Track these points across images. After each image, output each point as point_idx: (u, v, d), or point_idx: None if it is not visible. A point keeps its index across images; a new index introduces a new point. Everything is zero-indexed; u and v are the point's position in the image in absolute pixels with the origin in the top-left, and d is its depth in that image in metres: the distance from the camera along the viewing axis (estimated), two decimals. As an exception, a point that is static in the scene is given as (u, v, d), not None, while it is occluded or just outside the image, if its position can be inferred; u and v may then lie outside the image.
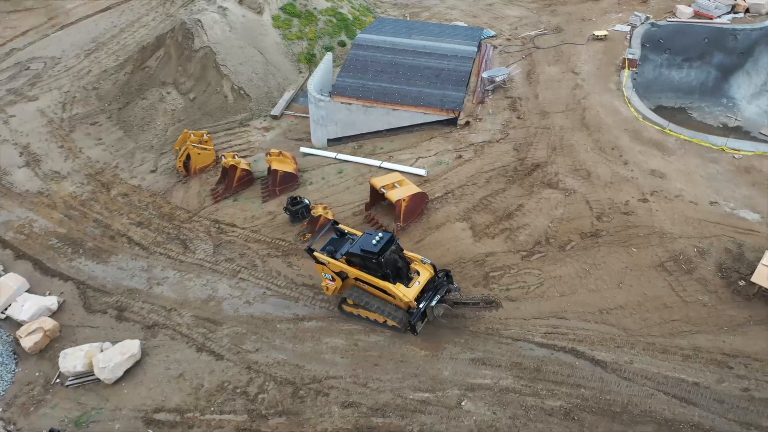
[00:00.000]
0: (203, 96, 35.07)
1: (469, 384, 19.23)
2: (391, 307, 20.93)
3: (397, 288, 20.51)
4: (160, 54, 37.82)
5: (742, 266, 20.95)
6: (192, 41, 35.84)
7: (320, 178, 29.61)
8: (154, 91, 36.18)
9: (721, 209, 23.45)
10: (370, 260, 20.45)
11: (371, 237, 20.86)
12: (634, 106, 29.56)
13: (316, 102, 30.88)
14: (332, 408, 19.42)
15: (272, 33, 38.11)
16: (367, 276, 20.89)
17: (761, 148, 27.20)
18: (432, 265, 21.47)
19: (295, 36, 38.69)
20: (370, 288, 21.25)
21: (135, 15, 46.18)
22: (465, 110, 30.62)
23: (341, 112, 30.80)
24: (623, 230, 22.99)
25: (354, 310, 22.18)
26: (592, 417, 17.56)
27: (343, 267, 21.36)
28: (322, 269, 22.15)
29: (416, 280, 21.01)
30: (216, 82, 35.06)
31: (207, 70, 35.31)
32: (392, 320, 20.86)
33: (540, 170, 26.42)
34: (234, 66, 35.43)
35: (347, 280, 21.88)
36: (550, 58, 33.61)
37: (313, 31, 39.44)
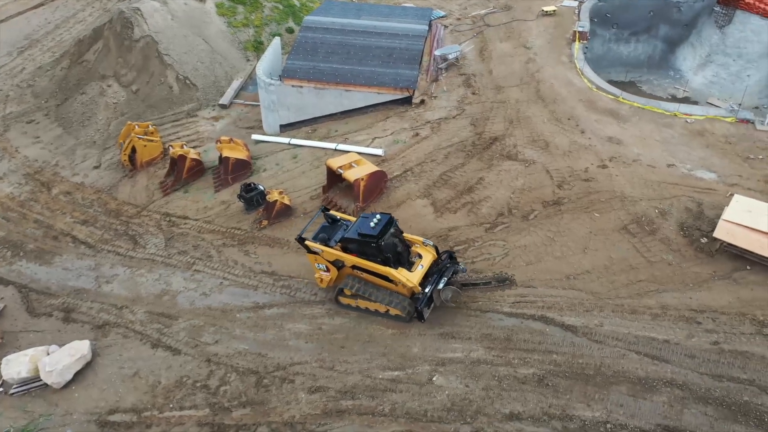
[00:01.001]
0: (147, 87, 33.55)
1: (439, 359, 18.64)
2: (394, 295, 19.49)
3: (399, 273, 19.03)
4: (98, 47, 36.08)
5: (703, 224, 20.98)
6: (132, 31, 34.25)
7: (274, 164, 28.61)
8: (94, 85, 34.45)
9: (678, 171, 23.52)
10: (368, 245, 18.94)
11: (368, 220, 19.38)
12: (587, 77, 29.56)
13: (266, 86, 29.84)
14: (299, 394, 18.57)
15: (217, 21, 36.78)
16: (365, 263, 19.37)
17: (712, 112, 27.56)
18: (434, 246, 20.17)
19: (240, 23, 37.44)
20: (368, 276, 19.75)
21: (70, 11, 44.00)
22: (419, 89, 30.08)
23: (293, 95, 29.83)
24: (585, 196, 22.81)
25: (352, 302, 20.66)
26: (566, 382, 17.20)
27: (338, 255, 19.92)
28: (315, 259, 20.69)
29: (419, 264, 19.58)
30: (160, 73, 33.58)
31: (149, 60, 33.78)
32: (396, 309, 19.47)
33: (498, 143, 26.07)
34: (178, 55, 34.01)
35: (343, 270, 20.38)
36: (501, 35, 33.38)
37: (259, 18, 38.28)
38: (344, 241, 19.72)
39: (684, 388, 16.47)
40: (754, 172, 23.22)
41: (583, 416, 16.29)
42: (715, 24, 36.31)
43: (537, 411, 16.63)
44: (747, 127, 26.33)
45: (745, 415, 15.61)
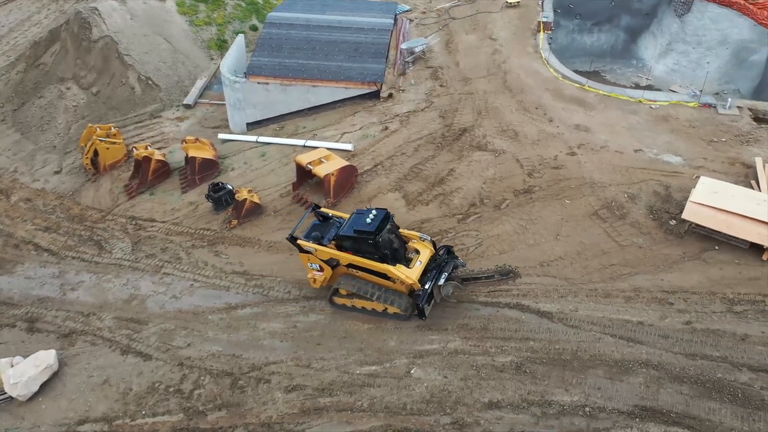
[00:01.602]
0: (107, 89, 32.66)
1: (416, 351, 18.48)
2: (392, 293, 18.89)
3: (398, 270, 18.41)
4: (55, 49, 34.97)
5: (671, 206, 21.25)
6: (90, 32, 33.31)
7: (242, 163, 28.13)
8: (52, 88, 33.39)
9: (645, 156, 23.80)
10: (365, 242, 18.32)
11: (363, 216, 18.72)
12: (553, 67, 29.76)
13: (231, 84, 29.31)
14: (275, 394, 18.20)
15: (178, 20, 36.05)
16: (362, 260, 18.75)
17: (676, 98, 27.99)
18: (432, 241, 19.66)
19: (202, 22, 36.77)
20: (365, 274, 19.13)
21: (25, 13, 42.60)
22: (387, 82, 29.91)
23: (259, 93, 29.36)
24: (555, 184, 22.92)
25: (347, 302, 19.97)
26: (544, 368, 17.20)
27: (333, 253, 19.21)
28: (308, 258, 19.94)
29: (417, 260, 18.94)
30: (120, 74, 32.73)
31: (109, 61, 32.90)
32: (394, 307, 18.87)
33: (468, 134, 26.05)
34: (139, 55, 33.20)
35: (338, 269, 19.68)
36: (466, 27, 33.41)
37: (221, 16, 37.64)
38: (339, 239, 19.07)
39: (659, 368, 16.60)
40: (718, 155, 23.63)
41: (562, 401, 16.30)
42: (674, 13, 36.95)
43: (516, 398, 16.59)
44: (709, 111, 26.80)
45: (720, 392, 15.79)
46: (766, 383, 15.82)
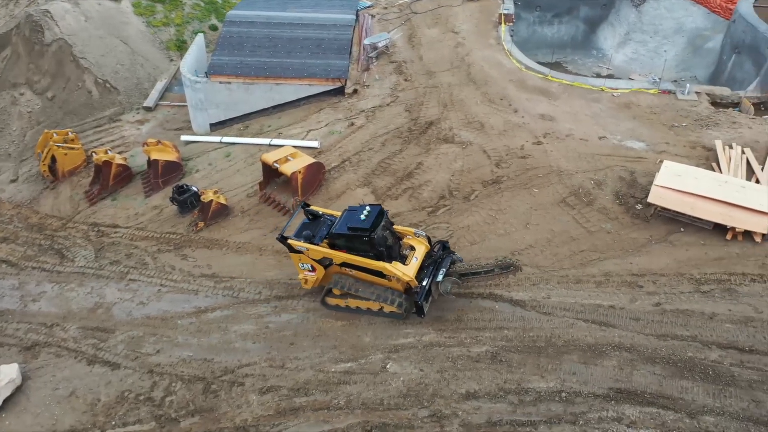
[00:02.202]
0: (63, 93, 31.69)
1: (391, 346, 18.32)
2: (387, 291, 18.42)
3: (394, 267, 17.91)
4: (6, 54, 33.88)
5: (636, 191, 21.53)
6: (42, 35, 32.25)
7: (207, 164, 27.60)
8: (5, 94, 32.30)
9: (609, 142, 24.08)
10: (360, 239, 17.79)
11: (357, 212, 18.16)
12: (515, 58, 29.92)
13: (192, 84, 28.71)
14: (250, 397, 17.85)
15: (135, 21, 35.18)
16: (356, 258, 18.26)
17: (636, 85, 28.40)
18: (426, 237, 19.21)
19: (160, 23, 35.96)
20: (359, 273, 18.67)
21: (-28, 19, 41.10)
22: (351, 78, 29.68)
23: (221, 92, 28.82)
24: (523, 173, 23.01)
25: (341, 302, 19.47)
26: (519, 356, 17.22)
27: (325, 252, 18.67)
28: (299, 259, 19.31)
29: (412, 256, 18.45)
30: (76, 77, 31.79)
31: (64, 64, 31.92)
32: (391, 306, 18.39)
33: (434, 127, 25.99)
34: (95, 58, 32.29)
35: (330, 268, 19.15)
36: (428, 21, 33.38)
37: (180, 16, 36.88)
38: (332, 237, 18.50)
39: (632, 350, 16.77)
40: (679, 139, 24.04)
41: (538, 388, 16.34)
42: (631, 3, 37.67)
43: (493, 387, 16.57)
44: (669, 97, 27.26)
45: (691, 371, 16.02)
46: (735, 360, 16.10)
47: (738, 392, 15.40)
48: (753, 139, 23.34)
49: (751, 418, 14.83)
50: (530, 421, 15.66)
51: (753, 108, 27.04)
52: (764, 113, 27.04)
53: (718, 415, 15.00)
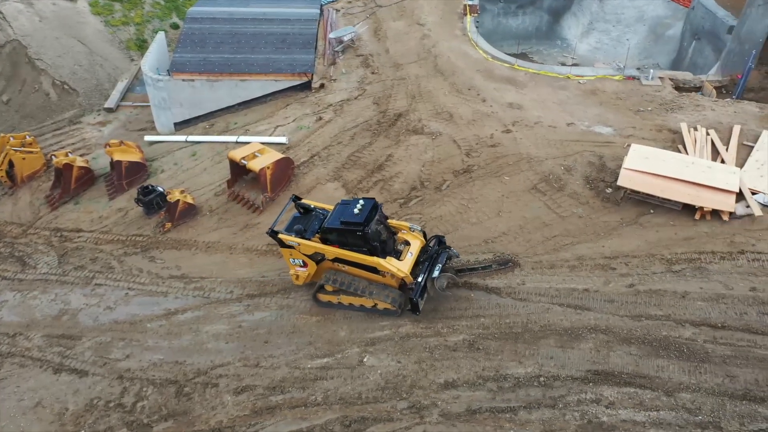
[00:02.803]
0: (19, 96, 30.69)
1: (368, 339, 18.07)
2: (381, 288, 17.98)
3: (388, 263, 17.42)
4: (-43, 57, 32.55)
5: (606, 175, 21.66)
6: (-5, 36, 31.18)
7: (172, 164, 26.95)
8: (-43, 99, 31.09)
9: (577, 128, 24.20)
10: (353, 233, 17.23)
11: (350, 206, 17.61)
12: (482, 48, 29.94)
13: (155, 83, 28.00)
14: (224, 398, 17.39)
15: (92, 20, 34.24)
16: (349, 254, 17.70)
17: (601, 72, 28.68)
18: (422, 231, 18.77)
19: (119, 22, 35.08)
20: (351, 269, 18.20)
21: None
22: (318, 73, 29.33)
23: (184, 90, 28.19)
24: (493, 162, 22.97)
25: (333, 298, 18.92)
26: (496, 343, 17.13)
27: (318, 247, 18.09)
28: (291, 254, 18.74)
29: (407, 251, 17.96)
30: (33, 80, 30.80)
31: (19, 66, 30.88)
32: (385, 302, 17.93)
33: (403, 119, 25.82)
34: (52, 59, 31.33)
35: (322, 264, 18.65)
36: (394, 14, 33.23)
37: (139, 15, 36.02)
38: (325, 232, 17.90)
39: (607, 332, 16.81)
40: (645, 123, 24.29)
41: (516, 373, 16.26)
42: (593, -8, 38.06)
43: (471, 375, 16.44)
44: (634, 83, 27.59)
45: (666, 349, 16.11)
46: (708, 336, 16.25)
47: (712, 368, 15.54)
48: (716, 121, 23.69)
49: (726, 393, 14.96)
50: (510, 407, 15.57)
51: (715, 91, 27.51)
52: (726, 96, 27.55)
53: (694, 391, 15.11)
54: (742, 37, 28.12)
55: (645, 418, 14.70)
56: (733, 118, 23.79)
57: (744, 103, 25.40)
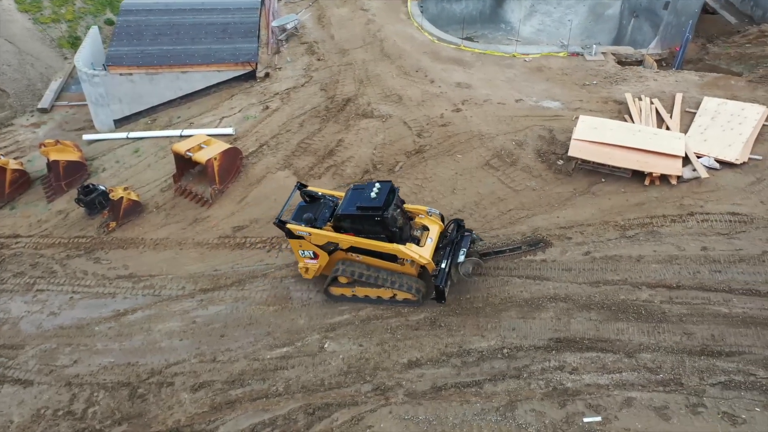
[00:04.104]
0: (-57, 100, 28.88)
1: (327, 325, 17.63)
2: (400, 277, 16.98)
3: (409, 249, 16.41)
4: None
5: (556, 148, 21.77)
6: None
7: (114, 162, 25.82)
8: None
9: (526, 104, 24.28)
10: (371, 219, 16.14)
11: (365, 191, 16.54)
12: (427, 31, 29.77)
13: (90, 79, 26.75)
14: (181, 396, 16.66)
15: (19, 18, 32.53)
16: (366, 242, 16.60)
17: (546, 50, 28.95)
18: (440, 215, 17.80)
19: (49, 19, 33.45)
20: (366, 258, 17.07)
21: None
22: (262, 62, 28.60)
23: (123, 85, 27.03)
24: (445, 141, 22.81)
25: (347, 291, 17.77)
26: (458, 318, 16.94)
27: (330, 236, 16.94)
28: (300, 245, 17.51)
29: (426, 237, 16.98)
30: (-43, 82, 29.04)
31: (-59, 68, 29.08)
32: (405, 292, 16.97)
33: (352, 104, 25.41)
34: (-23, 59, 29.61)
35: (335, 254, 17.51)
36: (337, 1, 32.81)
37: (71, 11, 34.43)
38: (338, 219, 16.77)
39: (567, 300, 16.84)
40: (591, 96, 24.57)
41: (480, 347, 16.12)
42: (533, -26, 38.36)
43: (435, 353, 16.20)
44: (578, 59, 27.94)
45: (625, 312, 16.23)
46: (664, 297, 16.45)
47: (670, 327, 15.73)
48: (659, 90, 24.15)
49: (685, 350, 15.16)
50: (475, 381, 15.39)
51: (656, 64, 28.11)
52: (666, 68, 28.18)
53: (653, 351, 15.25)
54: (678, 10, 28.82)
55: (608, 381, 14.75)
56: (674, 87, 24.31)
57: (684, 73, 26.03)
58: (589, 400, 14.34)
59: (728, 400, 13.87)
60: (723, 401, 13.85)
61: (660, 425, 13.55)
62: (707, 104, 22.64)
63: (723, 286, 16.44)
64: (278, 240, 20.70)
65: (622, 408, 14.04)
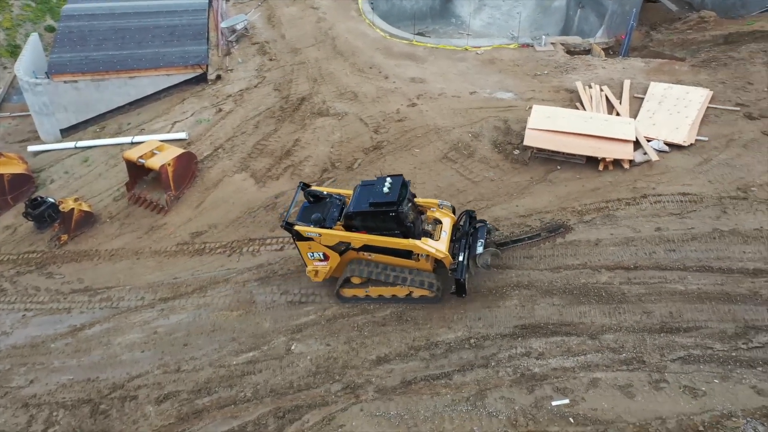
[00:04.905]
0: None
1: (293, 326, 17.40)
2: (416, 273, 16.49)
3: (425, 244, 15.92)
4: None
5: (512, 138, 22.04)
6: None
7: (63, 173, 24.97)
8: None
9: (480, 96, 24.51)
10: (385, 215, 15.61)
11: (376, 186, 15.99)
12: (379, 27, 29.76)
13: (32, 88, 25.78)
14: (146, 409, 16.20)
15: (-48, 27, 31.13)
16: (380, 239, 16.05)
17: (496, 42, 29.27)
18: (452, 207, 17.37)
19: (-15, 27, 32.11)
20: (379, 256, 16.50)
21: None
22: (213, 64, 28.08)
23: (68, 93, 26.14)
24: (402, 136, 22.84)
25: (360, 292, 17.20)
26: (424, 311, 16.96)
27: (342, 236, 16.33)
28: (309, 247, 16.84)
29: (440, 230, 16.48)
30: None
31: None
32: (422, 289, 16.51)
33: (307, 103, 25.21)
34: None
35: (346, 254, 16.89)
36: (286, 0, 32.43)
37: (8, 18, 33.11)
38: (349, 218, 16.16)
39: (530, 287, 17.02)
40: (543, 86, 24.97)
41: (447, 339, 16.16)
42: (480, -31, 38.77)
43: (403, 347, 16.17)
44: (529, 50, 28.36)
45: (586, 295, 16.52)
46: (623, 278, 16.81)
47: (630, 307, 16.07)
48: (608, 78, 24.71)
49: (645, 329, 15.52)
50: (444, 372, 15.42)
51: (603, 52, 28.76)
52: (613, 56, 28.87)
53: (615, 331, 15.57)
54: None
55: (574, 363, 14.98)
56: (622, 74, 24.91)
57: (631, 60, 26.70)
58: (556, 383, 14.54)
59: (688, 374, 14.25)
60: (683, 375, 14.23)
61: (625, 403, 13.84)
62: (654, 89, 23.27)
63: (678, 264, 16.91)
64: (238, 244, 20.38)
65: (589, 389, 14.28)
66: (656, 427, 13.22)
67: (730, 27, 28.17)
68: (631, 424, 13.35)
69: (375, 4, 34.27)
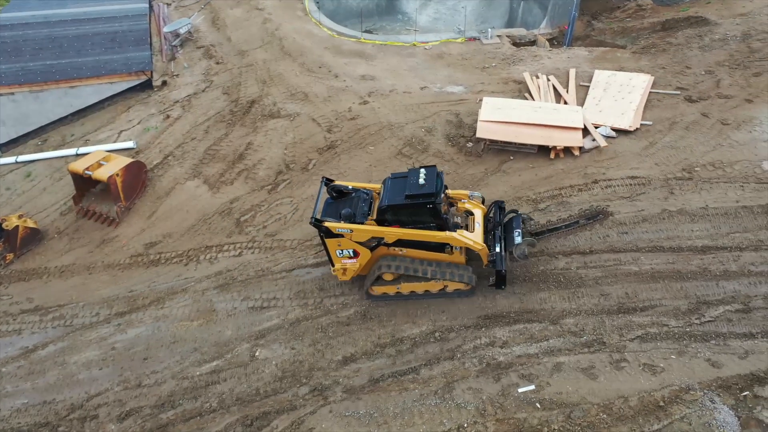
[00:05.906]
0: None
1: (256, 332, 17.15)
2: (450, 267, 16.12)
3: (462, 236, 15.48)
4: None
5: (464, 131, 22.25)
6: None
7: (4, 190, 23.96)
8: None
9: (431, 91, 24.67)
10: (422, 208, 15.19)
11: (409, 178, 15.55)
12: (326, 26, 29.58)
13: (-35, 102, 24.65)
14: (107, 427, 15.70)
15: None
16: (415, 233, 15.61)
17: (444, 37, 29.52)
18: (482, 198, 16.95)
19: None
20: (411, 251, 16.09)
21: None
22: (157, 70, 27.41)
23: (5, 106, 25.11)
24: (355, 134, 22.78)
25: (391, 289, 16.68)
26: (388, 308, 16.95)
27: (375, 231, 15.80)
28: (339, 244, 16.23)
29: (474, 222, 16.16)
30: None
31: None
32: (457, 282, 16.13)
33: (257, 105, 24.86)
34: None
35: (377, 250, 16.33)
36: (230, 2, 31.94)
37: (-65, 31, 31.47)
38: (383, 212, 15.62)
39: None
40: (491, 78, 25.31)
41: (412, 334, 16.21)
42: (421, -35, 38.97)
43: (369, 346, 16.14)
44: (476, 44, 28.69)
45: (545, 282, 16.82)
46: (579, 263, 17.19)
47: (588, 291, 16.45)
48: (554, 68, 25.22)
49: (603, 311, 15.92)
50: (411, 368, 15.47)
51: (547, 43, 29.33)
52: (558, 46, 29.47)
53: (575, 315, 15.91)
54: (563, -10, 30.17)
55: (537, 350, 15.24)
56: (567, 64, 25.45)
57: (575, 49, 27.31)
58: (521, 370, 14.76)
59: (647, 352, 14.69)
60: (642, 353, 14.66)
61: (588, 384, 14.16)
62: (599, 77, 23.88)
63: (631, 246, 17.39)
64: (195, 252, 19.96)
65: (553, 373, 14.55)
66: (619, 406, 13.57)
67: (666, 14, 29.14)
68: (595, 404, 13.66)
69: (321, 3, 34.07)
